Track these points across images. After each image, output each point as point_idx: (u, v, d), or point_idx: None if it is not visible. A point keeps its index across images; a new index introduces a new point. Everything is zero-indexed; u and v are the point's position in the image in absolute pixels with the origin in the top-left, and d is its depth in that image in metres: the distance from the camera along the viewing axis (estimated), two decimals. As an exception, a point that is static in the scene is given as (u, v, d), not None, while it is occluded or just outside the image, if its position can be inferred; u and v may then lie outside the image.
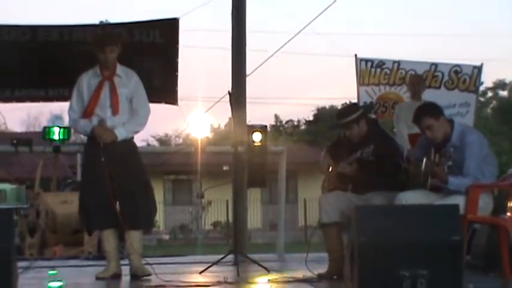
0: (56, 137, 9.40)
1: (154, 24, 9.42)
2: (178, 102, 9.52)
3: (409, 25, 54.00)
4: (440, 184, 6.00)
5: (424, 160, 6.07)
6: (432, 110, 6.19)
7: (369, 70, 10.01)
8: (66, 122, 9.80)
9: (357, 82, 9.97)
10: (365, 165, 6.37)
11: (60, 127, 9.41)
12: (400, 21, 54.03)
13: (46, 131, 9.47)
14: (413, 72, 9.98)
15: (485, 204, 6.02)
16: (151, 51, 9.31)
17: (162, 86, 9.29)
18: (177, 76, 9.41)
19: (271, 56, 11.13)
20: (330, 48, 58.96)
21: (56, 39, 9.24)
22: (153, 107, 7.17)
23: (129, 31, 9.13)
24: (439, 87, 10.14)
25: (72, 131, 8.99)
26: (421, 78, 9.42)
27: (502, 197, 6.36)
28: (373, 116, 9.87)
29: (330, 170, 6.77)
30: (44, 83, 9.30)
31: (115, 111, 6.61)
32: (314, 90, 53.19)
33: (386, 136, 6.75)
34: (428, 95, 9.17)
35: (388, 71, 10.05)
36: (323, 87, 53.04)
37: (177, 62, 9.41)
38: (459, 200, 5.73)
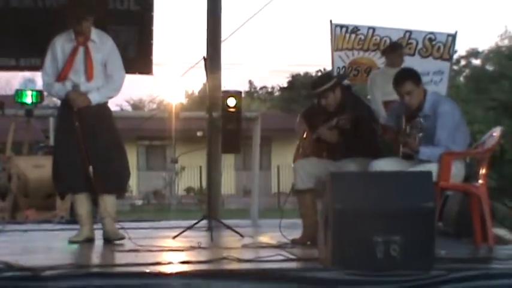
0: (28, 100, 9.31)
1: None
2: (153, 68, 9.44)
3: (384, -8, 53.93)
4: (412, 153, 6.03)
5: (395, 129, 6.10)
6: (414, 75, 6.19)
7: (344, 35, 9.99)
8: (38, 85, 9.70)
9: (331, 47, 9.95)
10: (341, 132, 6.39)
11: (32, 90, 9.32)
12: (375, -12, 53.90)
13: (18, 94, 9.37)
14: (387, 39, 9.96)
15: (457, 171, 6.06)
16: (125, 20, 9.18)
17: (137, 56, 9.16)
18: (152, 45, 9.30)
19: (247, 21, 11.08)
20: (306, 14, 58.81)
21: (29, 6, 9.07)
22: (128, 76, 7.12)
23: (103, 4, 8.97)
24: (413, 55, 10.14)
25: (45, 94, 8.90)
26: (402, 50, 9.39)
27: (474, 165, 6.41)
28: (348, 83, 9.89)
29: (305, 136, 6.78)
30: (15, 52, 9.14)
31: (89, 77, 6.57)
32: (289, 56, 53.18)
33: (362, 102, 6.79)
34: (402, 63, 9.18)
35: (362, 37, 10.03)
36: (298, 54, 53.02)
37: (152, 31, 9.31)
38: (432, 167, 5.75)
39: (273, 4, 10.95)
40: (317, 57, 53.99)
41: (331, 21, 10.00)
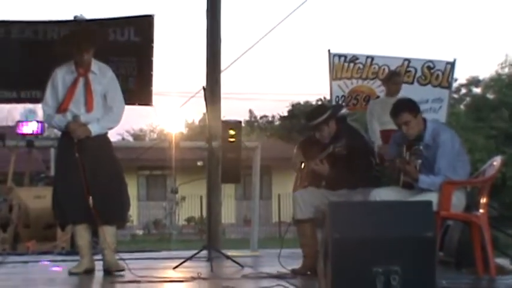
0: (29, 131, 9.33)
1: (129, 22, 9.31)
2: (153, 97, 9.45)
3: (383, 21, 54.21)
4: (412, 182, 6.03)
5: (395, 158, 6.10)
6: (411, 106, 6.20)
7: (342, 64, 10.02)
8: (39, 116, 9.71)
9: (330, 77, 9.98)
10: (337, 160, 6.39)
11: (33, 122, 9.34)
12: (374, 17, 54.21)
13: (19, 125, 9.40)
14: (386, 68, 10.00)
15: (458, 200, 6.05)
16: (126, 51, 9.20)
17: (137, 87, 9.17)
18: (151, 75, 9.31)
19: (246, 51, 11.18)
20: (305, 44, 59.03)
21: (29, 38, 9.10)
22: (128, 107, 7.15)
23: (104, 30, 8.99)
24: (412, 83, 10.18)
25: (45, 125, 8.92)
26: (399, 78, 9.44)
27: (475, 194, 6.40)
28: (344, 110, 9.89)
29: (303, 166, 6.78)
30: (16, 85, 9.14)
31: (89, 108, 6.59)
32: (289, 85, 53.32)
33: (356, 132, 6.79)
34: (402, 91, 9.21)
35: (361, 66, 10.07)
36: (298, 83, 53.16)
37: (151, 61, 9.32)
38: (432, 197, 5.74)
39: (273, 34, 11.01)
40: (317, 86, 54.09)
41: (329, 50, 10.05)
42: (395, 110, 6.18)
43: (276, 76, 52.97)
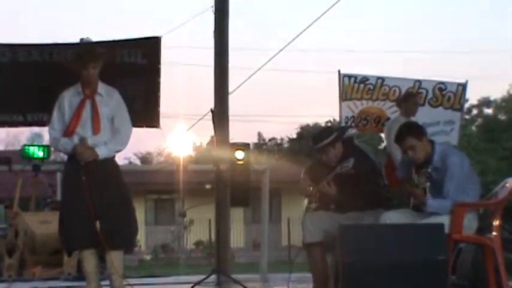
0: (35, 155, 9.35)
1: (136, 44, 9.35)
2: (160, 120, 9.44)
3: (393, 41, 54.31)
4: (420, 205, 6.02)
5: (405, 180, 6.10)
6: (416, 130, 6.21)
7: (352, 85, 10.04)
8: (45, 140, 9.77)
9: (340, 97, 9.99)
10: (345, 182, 6.37)
11: (39, 145, 9.37)
12: (384, 37, 54.28)
13: (25, 149, 9.42)
14: (397, 89, 10.01)
15: (470, 223, 6.03)
16: (133, 73, 9.21)
17: (144, 109, 9.16)
18: (159, 97, 9.32)
19: (254, 73, 11.18)
20: (314, 66, 59.18)
21: (36, 61, 9.13)
22: (135, 129, 7.14)
23: (110, 51, 9.02)
24: (423, 104, 10.18)
25: (52, 149, 8.93)
26: (415, 98, 9.46)
27: (487, 216, 6.38)
28: (354, 131, 9.88)
29: (311, 190, 6.77)
30: (23, 108, 9.16)
31: (96, 130, 6.59)
32: (298, 107, 53.33)
33: (363, 153, 6.75)
34: (416, 111, 9.21)
35: (371, 87, 10.08)
36: (307, 105, 53.15)
37: (159, 83, 9.33)
38: (444, 219, 5.73)
39: (281, 55, 11.03)
40: (327, 108, 54.12)
41: (339, 71, 10.06)
42: (399, 135, 6.20)
43: (285, 98, 53.01)
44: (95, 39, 9.29)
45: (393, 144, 8.84)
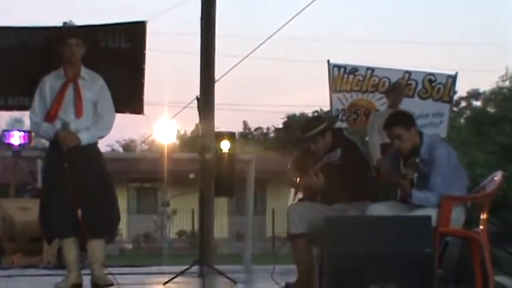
0: (15, 141, 9.31)
1: (121, 28, 9.29)
2: (144, 107, 9.42)
3: (383, 31, 54.33)
4: (406, 197, 6.04)
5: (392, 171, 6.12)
6: (404, 119, 6.23)
7: (342, 76, 10.05)
8: (26, 125, 9.72)
9: (330, 89, 10.00)
10: (332, 173, 6.38)
11: (20, 131, 9.32)
12: (374, 27, 54.32)
13: (5, 134, 9.38)
14: (386, 80, 10.03)
15: (457, 216, 6.05)
16: (116, 58, 9.14)
17: (128, 95, 9.09)
18: (143, 84, 9.27)
19: (241, 61, 11.18)
20: (302, 54, 59.17)
21: (17, 44, 9.08)
22: (119, 115, 7.12)
23: (94, 35, 8.97)
24: (413, 96, 10.21)
25: (33, 135, 8.89)
26: (402, 88, 9.48)
27: (475, 210, 6.41)
28: (344, 125, 9.91)
29: (298, 181, 6.78)
30: (3, 91, 9.12)
31: (79, 113, 6.57)
32: (285, 96, 53.34)
33: (352, 144, 6.75)
34: (402, 104, 9.23)
35: (361, 78, 10.10)
36: (294, 94, 53.17)
37: (143, 69, 9.29)
38: (431, 212, 5.75)
39: (268, 43, 11.03)
40: (314, 98, 54.12)
41: (328, 61, 10.07)
42: (387, 123, 6.22)
43: (272, 87, 52.99)
44: (78, 23, 9.24)
45: (374, 137, 8.97)
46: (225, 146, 8.77)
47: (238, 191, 9.14)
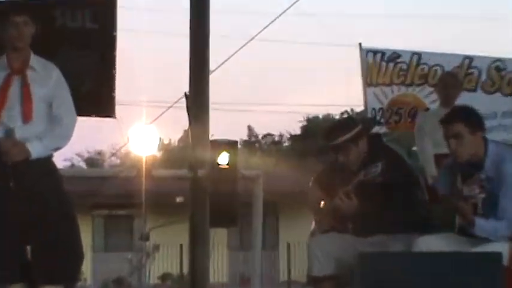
0: None
1: (83, 3, 9.32)
2: (116, 108, 9.42)
3: (434, 2, 54.42)
4: (467, 226, 6.01)
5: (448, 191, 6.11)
6: (472, 117, 6.19)
7: (379, 64, 10.07)
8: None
9: (363, 81, 10.00)
10: (370, 194, 6.38)
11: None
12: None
13: None
14: (439, 69, 10.03)
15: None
16: (78, 42, 9.17)
17: (94, 93, 9.12)
18: (114, 76, 9.29)
19: (245, 45, 11.19)
20: (324, 36, 59.27)
21: None
22: (81, 119, 7.12)
23: (48, 11, 8.98)
24: (475, 90, 10.20)
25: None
26: (456, 79, 9.45)
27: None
28: (383, 129, 9.89)
29: (322, 206, 6.78)
30: None
31: (27, 117, 6.55)
32: (303, 93, 53.36)
33: (396, 156, 6.75)
34: (460, 100, 9.20)
35: (404, 67, 10.12)
36: (315, 90, 53.19)
37: (114, 57, 9.31)
38: (501, 247, 5.74)
39: (280, 22, 11.04)
40: (341, 95, 54.18)
41: (360, 45, 10.07)
42: (448, 116, 6.17)
43: (285, 80, 53.07)
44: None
45: (426, 144, 8.89)
46: (224, 159, 8.78)
47: (241, 218, 9.14)
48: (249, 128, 43.79)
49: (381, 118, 9.99)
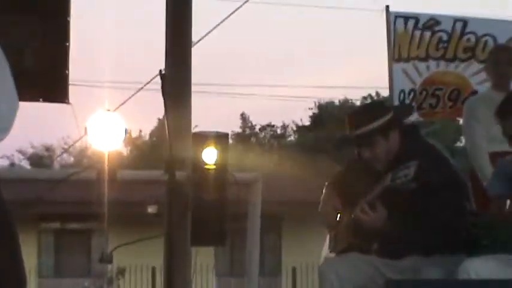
0: None
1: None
2: (70, 92, 9.43)
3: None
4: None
5: (508, 201, 6.11)
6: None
7: (411, 33, 10.08)
8: None
9: (389, 55, 10.02)
10: (402, 202, 6.39)
11: None
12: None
13: None
14: (489, 39, 10.04)
15: None
16: (20, 5, 9.20)
17: (41, 71, 9.14)
18: (67, 51, 9.30)
19: (238, 8, 11.19)
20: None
21: None
22: (24, 104, 7.14)
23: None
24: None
25: None
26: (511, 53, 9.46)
27: None
28: (415, 116, 9.90)
29: (339, 218, 6.79)
30: None
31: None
32: (312, 72, 53.41)
33: (436, 154, 6.75)
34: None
35: (444, 37, 10.12)
36: (327, 68, 53.25)
37: (67, 23, 9.32)
38: None
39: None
40: (362, 73, 54.33)
41: (387, 8, 10.08)
42: (503, 107, 6.18)
43: (288, 55, 53.11)
44: None
45: (479, 139, 8.86)
46: (210, 157, 8.78)
47: (233, 235, 9.15)
48: (243, 117, 43.89)
49: (412, 102, 9.98)
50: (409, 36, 10.07)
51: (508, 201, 6.12)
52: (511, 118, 6.11)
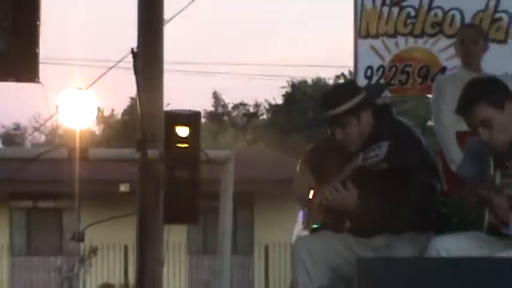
0: None
1: None
2: (41, 70, 9.42)
3: None
4: (499, 224, 6.07)
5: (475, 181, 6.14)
6: (495, 93, 6.23)
7: (379, 9, 10.09)
8: None
9: (355, 31, 10.05)
10: (373, 182, 6.42)
11: None
12: None
13: None
14: (456, 14, 10.06)
15: None
16: None
17: (10, 49, 9.12)
18: (37, 28, 9.28)
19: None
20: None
21: None
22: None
23: None
24: (505, 41, 10.22)
25: None
26: (477, 31, 9.49)
27: None
28: (385, 93, 9.93)
29: (312, 196, 6.81)
30: None
31: None
32: (286, 50, 53.43)
33: (407, 133, 6.77)
34: (487, 55, 9.23)
35: (412, 12, 10.13)
36: (302, 46, 53.27)
37: (38, 1, 9.30)
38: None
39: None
40: (335, 51, 54.33)
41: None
42: (465, 99, 6.18)
43: (261, 31, 53.11)
44: None
45: (446, 118, 8.91)
46: (183, 134, 8.80)
47: (205, 213, 9.17)
48: (216, 96, 43.84)
49: (380, 79, 10.00)
50: (377, 13, 10.09)
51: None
52: (468, 115, 6.15)
